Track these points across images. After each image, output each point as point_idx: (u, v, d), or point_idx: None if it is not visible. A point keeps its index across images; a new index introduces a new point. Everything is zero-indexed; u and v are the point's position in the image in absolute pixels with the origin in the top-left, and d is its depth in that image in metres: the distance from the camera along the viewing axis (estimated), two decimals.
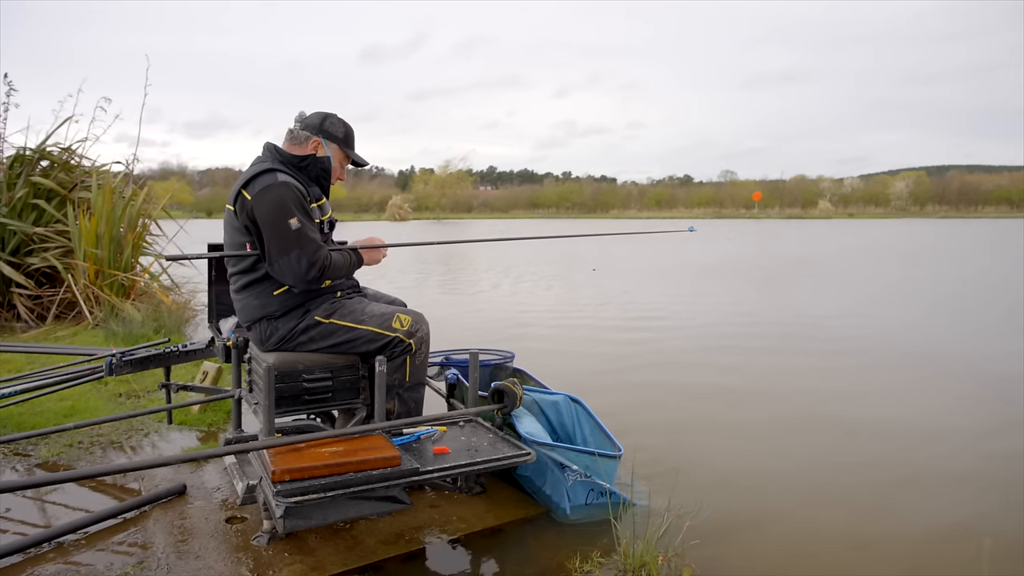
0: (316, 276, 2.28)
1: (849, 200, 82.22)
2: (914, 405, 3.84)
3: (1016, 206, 74.62)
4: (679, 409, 3.76)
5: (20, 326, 5.80)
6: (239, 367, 2.65)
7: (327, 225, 2.50)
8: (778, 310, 7.58)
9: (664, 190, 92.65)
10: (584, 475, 2.28)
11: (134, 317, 5.24)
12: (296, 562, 1.95)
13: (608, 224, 51.09)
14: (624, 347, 5.46)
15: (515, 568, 2.02)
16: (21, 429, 3.00)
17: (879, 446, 3.14)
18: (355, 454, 1.97)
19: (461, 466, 2.13)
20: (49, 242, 6.30)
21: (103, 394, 3.69)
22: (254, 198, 2.28)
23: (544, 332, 6.12)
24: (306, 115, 2.51)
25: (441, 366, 3.09)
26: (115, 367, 2.92)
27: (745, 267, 13.43)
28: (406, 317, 2.41)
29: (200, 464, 2.67)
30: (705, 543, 2.12)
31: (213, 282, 2.99)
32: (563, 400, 2.66)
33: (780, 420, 3.53)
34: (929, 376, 4.54)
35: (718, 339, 5.77)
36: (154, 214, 7.06)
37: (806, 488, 2.66)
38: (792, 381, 4.37)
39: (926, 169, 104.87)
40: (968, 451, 3.09)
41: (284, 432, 2.42)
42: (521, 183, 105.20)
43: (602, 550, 2.03)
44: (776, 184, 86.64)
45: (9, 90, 6.81)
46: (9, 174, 6.52)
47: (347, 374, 2.41)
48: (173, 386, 3.06)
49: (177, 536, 2.10)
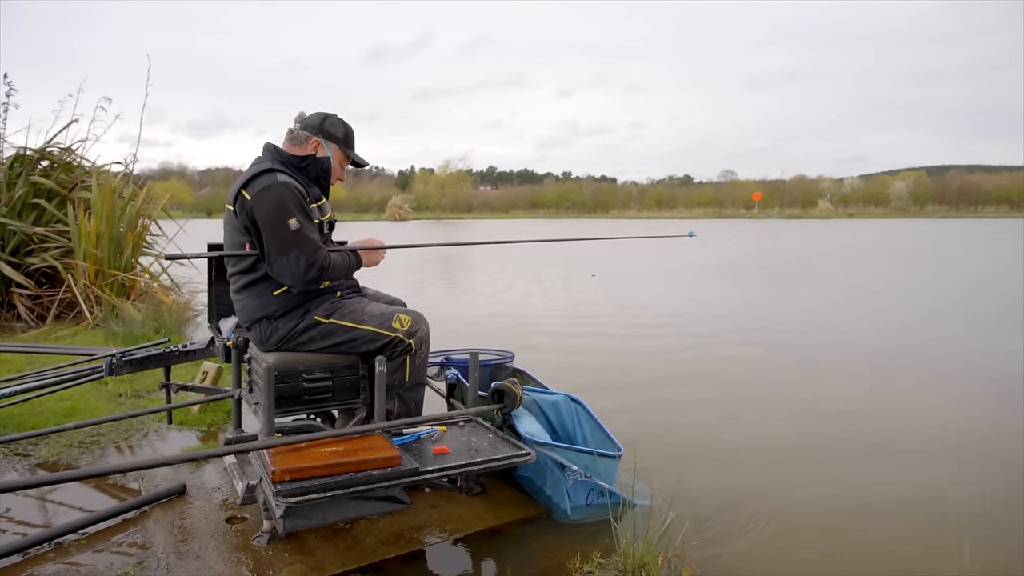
0: (315, 277, 2.28)
1: (849, 200, 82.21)
2: (916, 406, 3.83)
3: (1016, 206, 74.59)
4: (679, 409, 3.76)
5: (20, 326, 5.80)
6: (239, 367, 2.65)
7: (327, 225, 2.50)
8: (778, 310, 7.58)
9: (664, 190, 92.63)
10: (584, 475, 2.28)
11: (134, 317, 5.25)
12: (296, 562, 1.95)
13: (608, 224, 51.11)
14: (624, 347, 5.46)
15: (515, 568, 2.02)
16: (21, 429, 3.00)
17: (880, 446, 3.14)
18: (355, 454, 1.97)
19: (461, 466, 2.13)
20: (49, 242, 6.30)
21: (103, 394, 3.69)
22: (254, 198, 2.28)
23: (544, 332, 6.12)
24: (306, 115, 2.51)
25: (441, 366, 3.09)
26: (115, 367, 2.92)
27: (745, 268, 13.43)
28: (406, 317, 2.41)
29: (200, 464, 2.67)
30: (705, 543, 2.12)
31: (213, 282, 2.99)
32: (563, 400, 2.66)
33: (780, 420, 3.53)
34: (932, 376, 4.54)
35: (718, 339, 5.77)
36: (154, 214, 7.06)
37: (806, 488, 2.66)
38: (793, 382, 4.36)
39: (926, 169, 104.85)
40: (969, 450, 3.10)
41: (284, 432, 2.42)
42: (521, 183, 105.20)
43: (602, 550, 2.03)
44: (776, 184, 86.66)
45: (9, 90, 6.82)
46: (9, 174, 6.52)
47: (347, 374, 2.40)
48: (173, 386, 3.06)
49: (177, 536, 2.10)
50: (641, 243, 20.54)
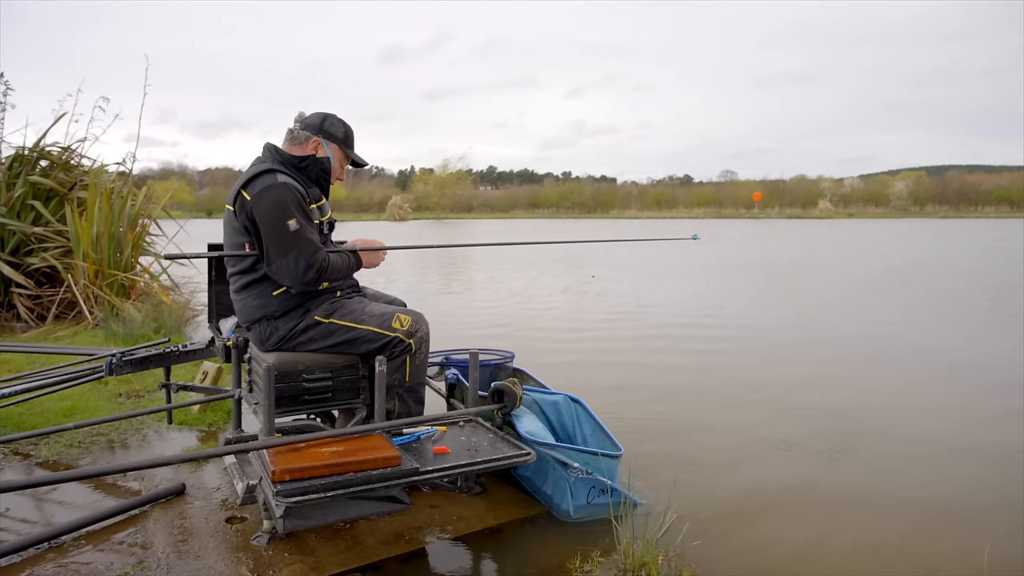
0: (314, 278, 2.28)
1: (849, 200, 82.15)
2: (918, 405, 3.84)
3: (1016, 206, 74.53)
4: (679, 409, 3.76)
5: (20, 326, 5.80)
6: (239, 367, 2.65)
7: (327, 226, 2.50)
8: (779, 310, 7.58)
9: (664, 190, 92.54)
10: (586, 472, 2.28)
11: (134, 317, 5.25)
12: (296, 562, 1.95)
13: (608, 224, 51.08)
14: (624, 347, 5.46)
15: (515, 568, 2.02)
16: (21, 429, 3.00)
17: (880, 446, 3.14)
18: (355, 454, 1.97)
19: (461, 466, 2.13)
20: (49, 242, 6.30)
21: (103, 394, 3.69)
22: (253, 199, 2.28)
23: (544, 332, 6.12)
24: (306, 115, 2.50)
25: (441, 366, 3.09)
26: (115, 367, 2.92)
27: (744, 268, 13.43)
28: (406, 317, 2.41)
29: (200, 464, 2.67)
30: (705, 543, 2.12)
31: (213, 282, 2.99)
32: (563, 400, 2.66)
33: (781, 420, 3.53)
34: (935, 375, 4.55)
35: (719, 339, 5.77)
36: (154, 214, 7.06)
37: (807, 488, 2.66)
38: (793, 381, 4.36)
39: (930, 169, 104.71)
40: (971, 451, 3.10)
41: (284, 432, 2.42)
42: (521, 183, 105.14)
43: (602, 550, 2.03)
44: (776, 184, 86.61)
45: (6, 90, 6.81)
46: (8, 174, 6.52)
47: (347, 374, 2.41)
48: (173, 386, 3.06)
49: (177, 536, 2.10)
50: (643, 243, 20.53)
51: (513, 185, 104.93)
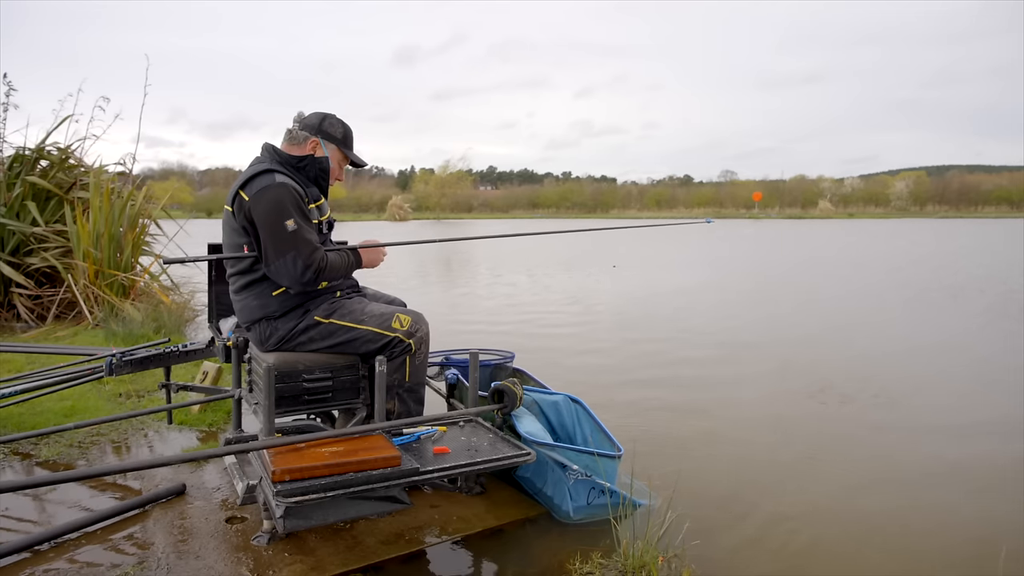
0: (312, 278, 2.28)
1: (849, 200, 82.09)
2: (919, 404, 3.83)
3: (1016, 206, 74.49)
4: (680, 409, 3.76)
5: (20, 326, 5.80)
6: (239, 367, 2.65)
7: (326, 226, 2.50)
8: (780, 309, 7.58)
9: (664, 190, 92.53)
10: (585, 474, 2.28)
11: (134, 317, 5.24)
12: (296, 562, 1.95)
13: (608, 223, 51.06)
14: (625, 347, 5.46)
15: (515, 568, 2.02)
16: (21, 429, 3.00)
17: (880, 446, 3.14)
18: (355, 454, 1.97)
19: (461, 466, 2.13)
20: (48, 242, 6.30)
21: (103, 394, 3.69)
22: (252, 199, 2.28)
23: (544, 332, 6.12)
24: (304, 115, 2.50)
25: (441, 366, 3.09)
26: (115, 367, 2.92)
27: (744, 268, 13.43)
28: (406, 317, 2.41)
29: (200, 464, 2.67)
30: (705, 543, 2.12)
31: (213, 282, 2.99)
32: (563, 400, 2.66)
33: (782, 420, 3.53)
34: (936, 373, 4.55)
35: (719, 339, 5.77)
36: (154, 214, 7.06)
37: (807, 488, 2.66)
38: (794, 381, 4.36)
39: (932, 168, 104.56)
40: (972, 451, 3.09)
41: (284, 432, 2.42)
42: (521, 183, 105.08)
43: (602, 550, 2.03)
44: (776, 184, 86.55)
45: (8, 90, 6.81)
46: (8, 174, 6.52)
47: (347, 374, 2.40)
48: (173, 386, 3.06)
49: (177, 536, 2.10)
50: (645, 241, 20.54)
51: (513, 185, 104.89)
